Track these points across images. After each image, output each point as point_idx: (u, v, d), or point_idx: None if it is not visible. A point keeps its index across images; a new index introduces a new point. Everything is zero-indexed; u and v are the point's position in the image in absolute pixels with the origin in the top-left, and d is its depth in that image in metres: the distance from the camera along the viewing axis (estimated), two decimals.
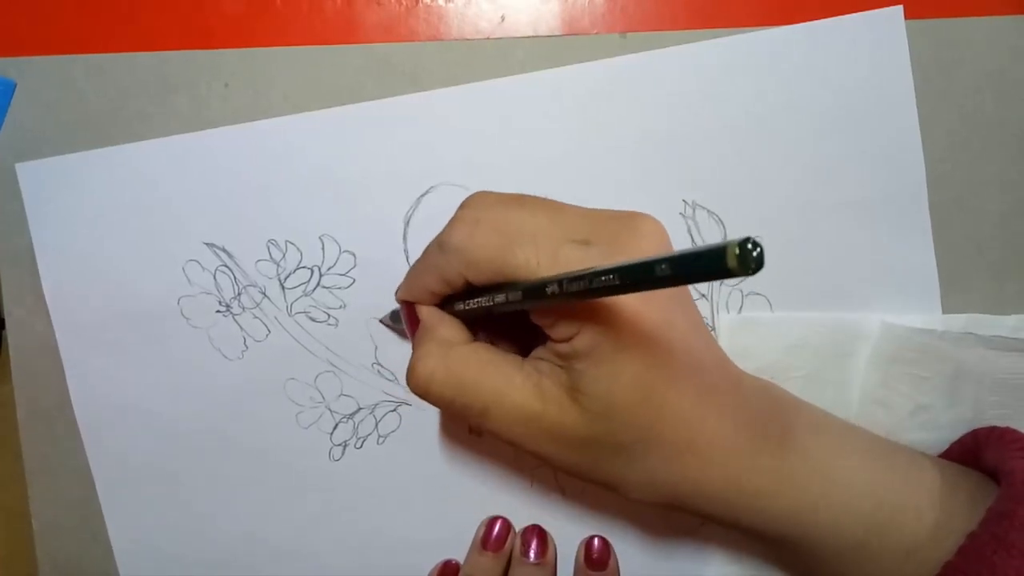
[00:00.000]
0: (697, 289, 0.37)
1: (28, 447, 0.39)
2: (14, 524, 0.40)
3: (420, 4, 0.37)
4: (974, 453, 0.32)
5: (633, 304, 0.25)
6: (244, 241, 0.37)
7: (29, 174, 0.37)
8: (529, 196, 0.28)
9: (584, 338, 0.25)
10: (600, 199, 0.36)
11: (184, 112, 0.37)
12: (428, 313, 0.31)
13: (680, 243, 0.37)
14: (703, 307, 0.37)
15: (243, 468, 0.38)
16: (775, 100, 0.36)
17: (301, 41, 0.37)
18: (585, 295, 0.22)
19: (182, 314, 0.38)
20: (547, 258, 0.25)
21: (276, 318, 0.38)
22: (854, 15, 0.36)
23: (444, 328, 0.30)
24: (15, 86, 0.37)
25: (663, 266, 0.19)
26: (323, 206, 0.37)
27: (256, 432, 0.38)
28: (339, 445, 0.38)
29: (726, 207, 0.37)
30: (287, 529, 0.39)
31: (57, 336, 0.38)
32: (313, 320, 0.37)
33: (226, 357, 0.38)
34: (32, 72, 0.37)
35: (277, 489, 0.38)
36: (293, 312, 0.38)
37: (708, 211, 0.37)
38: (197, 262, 0.37)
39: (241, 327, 0.38)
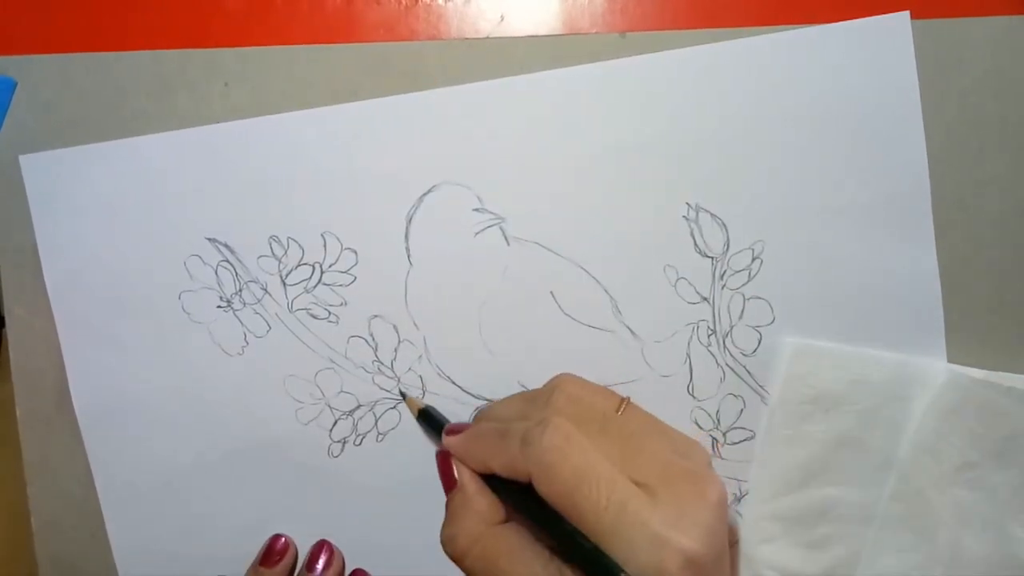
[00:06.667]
0: (699, 292, 0.37)
1: (27, 445, 0.39)
2: (14, 522, 0.40)
3: (419, 3, 0.38)
4: None
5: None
6: (246, 237, 0.37)
7: (32, 166, 0.37)
8: (613, 414, 0.31)
9: None
10: (602, 200, 0.36)
11: (184, 111, 0.37)
12: (469, 480, 0.32)
13: (682, 247, 0.37)
14: (704, 310, 0.37)
15: (242, 464, 0.38)
16: (780, 103, 0.36)
17: (301, 40, 0.37)
18: None
19: (183, 309, 0.38)
20: (615, 506, 0.27)
21: (277, 314, 0.38)
22: (861, 20, 0.35)
23: (483, 501, 0.32)
24: (15, 84, 0.37)
25: None
26: (325, 203, 0.37)
27: (256, 428, 0.38)
28: (338, 442, 0.38)
29: (729, 210, 0.36)
30: (286, 525, 0.39)
31: (58, 329, 0.38)
32: (314, 317, 0.38)
33: (226, 353, 0.38)
34: (32, 70, 0.38)
35: (276, 486, 0.38)
36: (294, 309, 0.38)
37: (711, 214, 0.37)
38: (199, 257, 0.37)
39: (242, 323, 0.38)
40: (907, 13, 0.35)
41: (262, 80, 0.37)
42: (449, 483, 0.33)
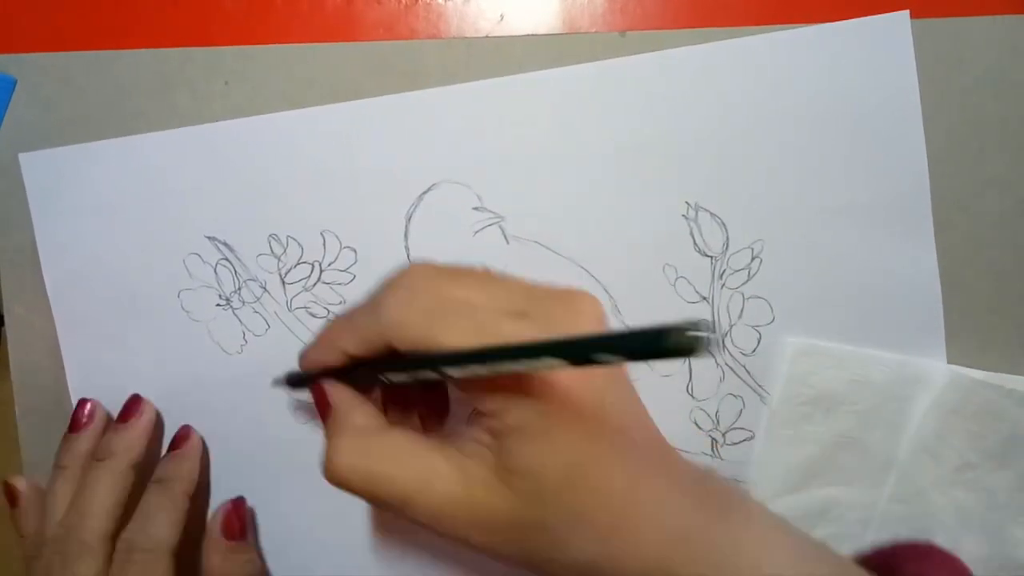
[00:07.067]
0: (698, 292, 0.37)
1: (26, 444, 0.39)
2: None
3: (419, 2, 0.38)
4: (891, 566, 0.30)
5: (566, 380, 0.25)
6: (245, 235, 0.37)
7: (32, 164, 0.37)
8: (465, 269, 0.28)
9: (515, 413, 0.25)
10: (601, 199, 0.36)
11: (183, 109, 0.37)
12: (340, 397, 0.29)
13: (681, 246, 0.37)
14: (703, 310, 0.37)
15: (240, 463, 0.38)
16: (780, 103, 0.36)
17: (301, 39, 0.37)
18: (519, 368, 0.22)
19: (182, 307, 0.38)
20: (481, 331, 0.25)
21: (276, 313, 0.38)
22: (860, 20, 0.35)
23: (358, 415, 0.28)
24: (15, 83, 0.38)
25: (600, 350, 0.19)
26: (325, 202, 0.37)
27: (254, 427, 0.38)
28: None
29: (729, 209, 0.36)
30: (282, 524, 0.39)
31: (57, 328, 0.38)
32: (313, 316, 0.37)
33: (225, 351, 0.38)
34: (32, 69, 0.38)
35: (274, 485, 0.38)
36: (293, 307, 0.38)
37: (711, 213, 0.37)
38: (198, 255, 0.37)
39: (241, 321, 0.38)
40: (907, 12, 0.35)
41: (262, 79, 0.37)
42: (325, 409, 0.30)
